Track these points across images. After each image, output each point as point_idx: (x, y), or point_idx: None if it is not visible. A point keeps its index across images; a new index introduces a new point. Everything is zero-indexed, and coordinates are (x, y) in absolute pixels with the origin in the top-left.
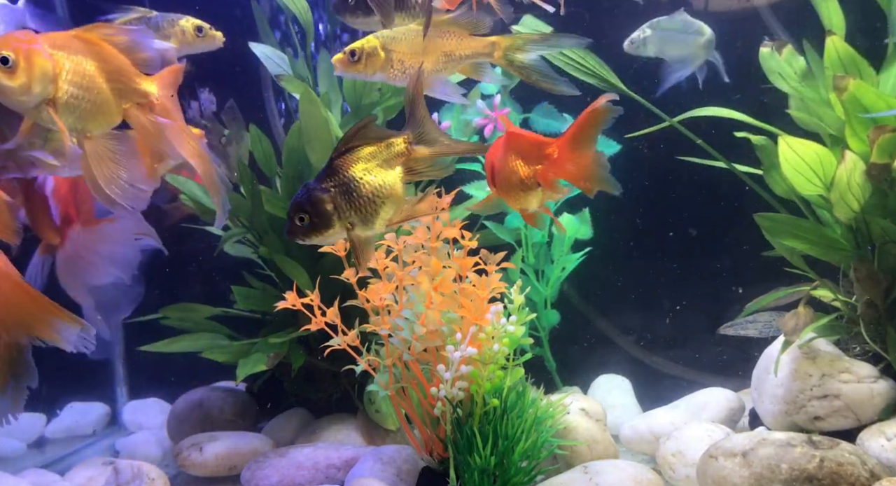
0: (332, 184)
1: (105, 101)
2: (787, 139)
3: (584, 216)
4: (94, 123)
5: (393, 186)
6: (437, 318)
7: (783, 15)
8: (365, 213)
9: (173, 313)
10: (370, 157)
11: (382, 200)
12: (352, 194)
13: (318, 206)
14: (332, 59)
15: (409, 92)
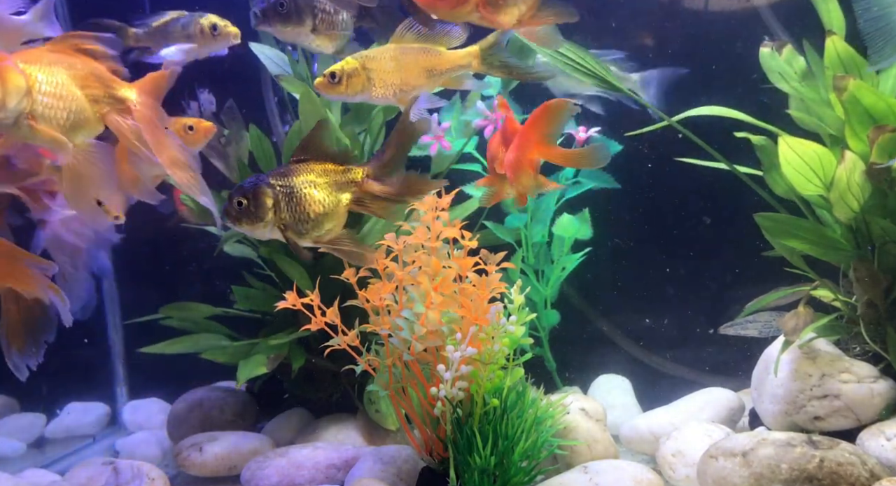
0: (280, 183)
1: (82, 108)
2: (787, 139)
3: (583, 216)
4: (74, 132)
5: (335, 208)
6: (437, 318)
7: (783, 15)
8: (299, 221)
9: (173, 313)
10: (323, 173)
11: (320, 218)
12: (293, 200)
13: (259, 197)
14: (315, 83)
15: (394, 139)
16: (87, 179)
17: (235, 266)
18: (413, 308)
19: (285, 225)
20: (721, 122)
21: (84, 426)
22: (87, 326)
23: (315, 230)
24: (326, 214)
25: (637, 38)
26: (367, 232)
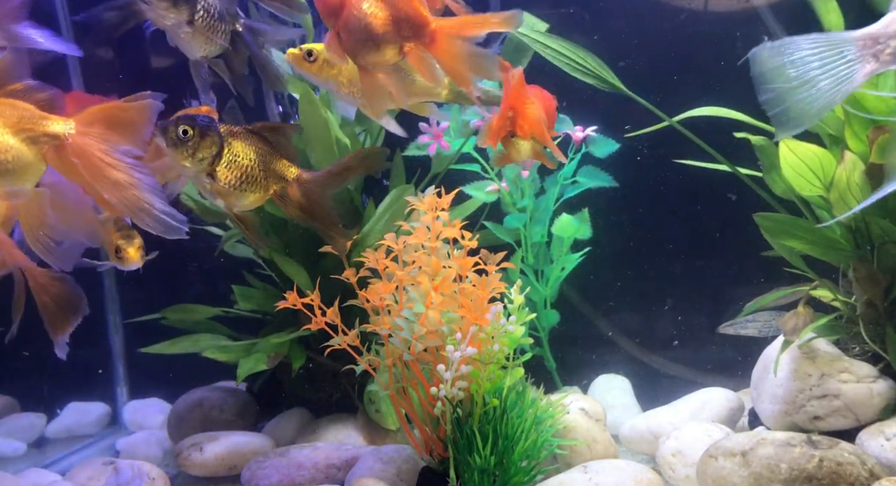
0: (230, 139)
1: (20, 155)
2: (786, 141)
3: (583, 216)
4: (19, 178)
5: (262, 191)
6: (437, 318)
7: (783, 15)
8: (228, 182)
9: (173, 313)
10: (267, 155)
11: (246, 189)
12: (234, 161)
13: (206, 136)
14: (287, 53)
15: (344, 160)
16: (38, 220)
17: (235, 266)
18: (413, 308)
19: (211, 176)
20: (721, 122)
21: (84, 425)
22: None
23: (236, 199)
24: (253, 190)
25: (637, 38)
26: (368, 232)
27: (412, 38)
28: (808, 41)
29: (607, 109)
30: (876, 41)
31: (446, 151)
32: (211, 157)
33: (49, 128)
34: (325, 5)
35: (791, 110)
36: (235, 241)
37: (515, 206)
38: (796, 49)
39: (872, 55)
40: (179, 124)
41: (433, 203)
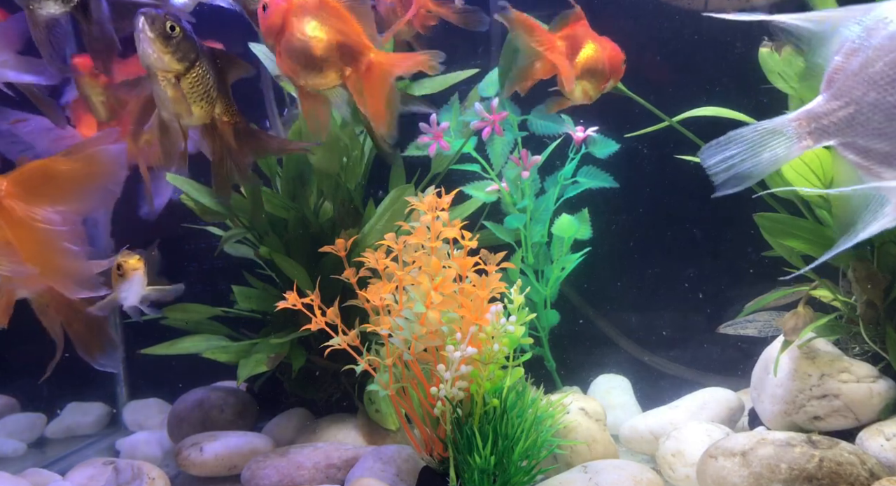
0: (206, 54)
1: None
2: None
3: (583, 216)
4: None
5: (205, 109)
6: (437, 318)
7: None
8: (188, 89)
9: (173, 313)
10: (220, 79)
11: (198, 100)
12: (203, 78)
13: (189, 40)
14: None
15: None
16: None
17: (235, 266)
18: (413, 308)
19: (177, 77)
20: (721, 122)
21: (84, 425)
22: None
23: (186, 111)
24: (203, 108)
25: (637, 38)
26: (368, 232)
27: (351, 64)
28: (749, 130)
29: (607, 110)
30: (809, 121)
31: (446, 152)
32: (188, 62)
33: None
34: (266, 26)
35: (735, 177)
36: (235, 241)
37: (515, 206)
38: (740, 137)
39: (808, 133)
40: (168, 20)
41: (433, 203)
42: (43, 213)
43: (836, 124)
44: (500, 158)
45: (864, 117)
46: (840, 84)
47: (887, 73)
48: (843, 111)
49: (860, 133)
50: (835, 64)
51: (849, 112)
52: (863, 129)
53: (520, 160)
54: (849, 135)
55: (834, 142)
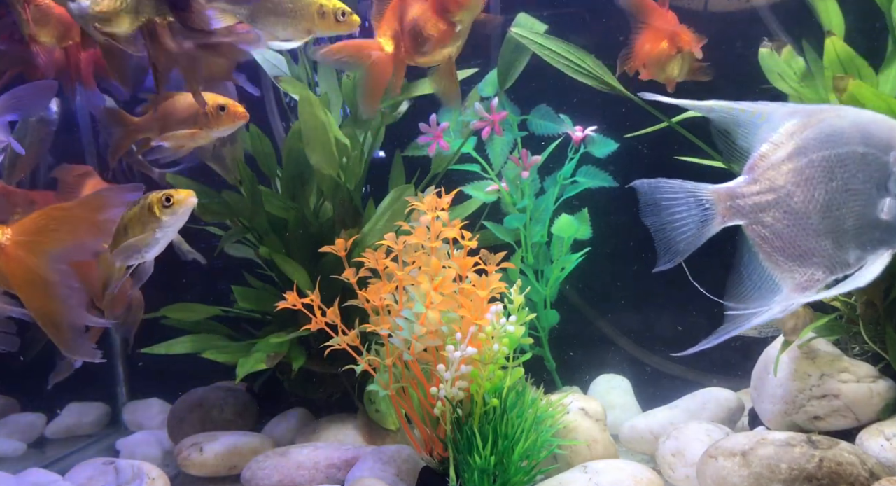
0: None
1: None
2: None
3: (583, 216)
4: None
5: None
6: (437, 318)
7: (783, 15)
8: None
9: (173, 313)
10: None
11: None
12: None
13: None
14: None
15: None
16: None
17: (235, 266)
18: (413, 308)
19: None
20: None
21: (84, 425)
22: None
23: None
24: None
25: None
26: (368, 232)
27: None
28: (676, 185)
29: (607, 110)
30: (728, 197)
31: (446, 152)
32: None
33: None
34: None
35: (666, 244)
36: (235, 241)
37: (515, 206)
38: (668, 190)
39: (724, 209)
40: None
41: (433, 203)
42: (45, 263)
43: (751, 206)
44: (500, 158)
45: (778, 205)
46: (762, 171)
47: (807, 170)
48: (760, 196)
49: (770, 219)
50: (761, 151)
51: (766, 198)
52: (773, 216)
53: (519, 160)
54: (759, 219)
55: (744, 222)
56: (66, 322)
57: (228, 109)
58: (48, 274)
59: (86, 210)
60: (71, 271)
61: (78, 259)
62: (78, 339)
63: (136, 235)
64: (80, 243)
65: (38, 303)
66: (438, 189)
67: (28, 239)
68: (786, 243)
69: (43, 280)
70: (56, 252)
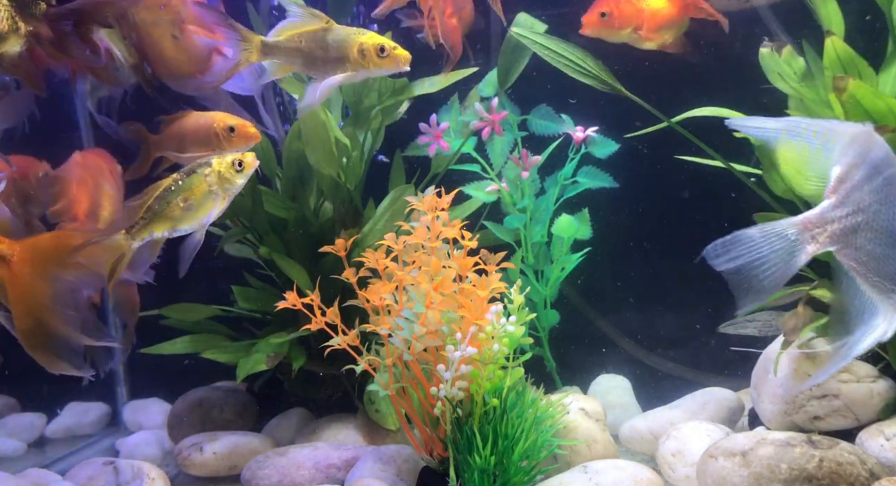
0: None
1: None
2: None
3: (583, 216)
4: None
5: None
6: (437, 318)
7: (783, 15)
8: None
9: (173, 313)
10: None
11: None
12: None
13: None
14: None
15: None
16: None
17: (235, 266)
18: (413, 308)
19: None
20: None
21: (84, 425)
22: None
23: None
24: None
25: None
26: (368, 232)
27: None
28: (753, 232)
29: (607, 110)
30: (818, 224)
31: (446, 152)
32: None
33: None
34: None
35: (747, 286)
36: (235, 241)
37: (515, 206)
38: (745, 239)
39: (812, 238)
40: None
41: (433, 203)
42: (46, 286)
43: (842, 230)
44: (500, 158)
45: (868, 226)
46: (846, 193)
47: (884, 188)
48: (850, 219)
49: (863, 241)
50: (839, 174)
51: (856, 220)
52: (865, 237)
53: (520, 160)
54: (851, 242)
55: (836, 247)
56: (52, 345)
57: (238, 130)
58: (46, 297)
59: (99, 248)
60: (69, 298)
61: (79, 288)
62: (64, 361)
63: (198, 203)
64: (85, 275)
65: (27, 322)
66: (438, 189)
67: (35, 259)
68: (881, 262)
69: (39, 302)
70: (59, 277)
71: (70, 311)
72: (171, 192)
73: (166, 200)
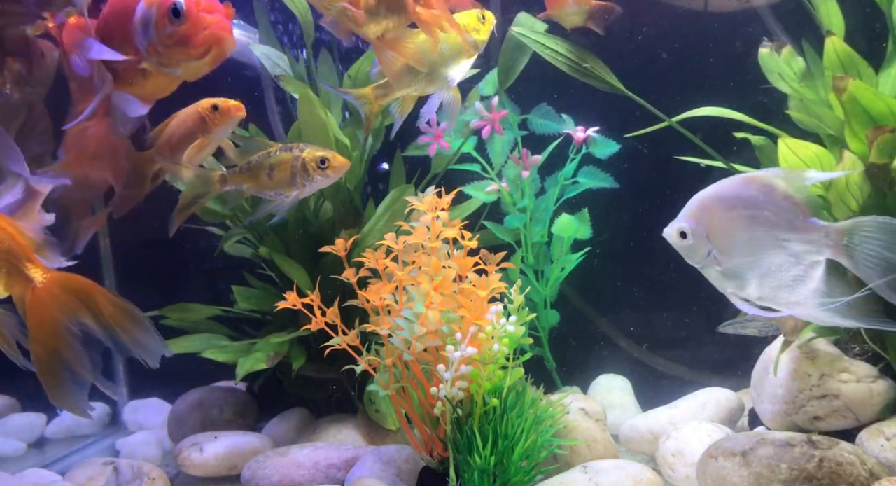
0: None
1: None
2: (786, 140)
3: (583, 216)
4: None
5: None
6: (437, 318)
7: (783, 15)
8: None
9: (173, 313)
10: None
11: None
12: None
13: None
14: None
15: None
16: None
17: (235, 266)
18: (413, 308)
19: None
20: (720, 122)
21: (84, 425)
22: None
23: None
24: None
25: (636, 38)
26: (368, 232)
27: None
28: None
29: (607, 110)
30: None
31: (446, 151)
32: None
33: (28, 271)
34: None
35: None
36: (235, 241)
37: (515, 206)
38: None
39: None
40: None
41: (433, 203)
42: (62, 321)
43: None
44: (500, 158)
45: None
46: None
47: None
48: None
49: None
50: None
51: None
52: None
53: (520, 160)
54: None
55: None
56: (61, 378)
57: (220, 106)
58: (61, 330)
59: (121, 311)
60: (84, 338)
61: (86, 331)
62: (69, 395)
63: (279, 180)
64: (101, 324)
65: (39, 349)
66: (438, 189)
67: (60, 292)
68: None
69: (54, 332)
70: (77, 318)
71: (83, 350)
72: (266, 158)
73: (259, 164)
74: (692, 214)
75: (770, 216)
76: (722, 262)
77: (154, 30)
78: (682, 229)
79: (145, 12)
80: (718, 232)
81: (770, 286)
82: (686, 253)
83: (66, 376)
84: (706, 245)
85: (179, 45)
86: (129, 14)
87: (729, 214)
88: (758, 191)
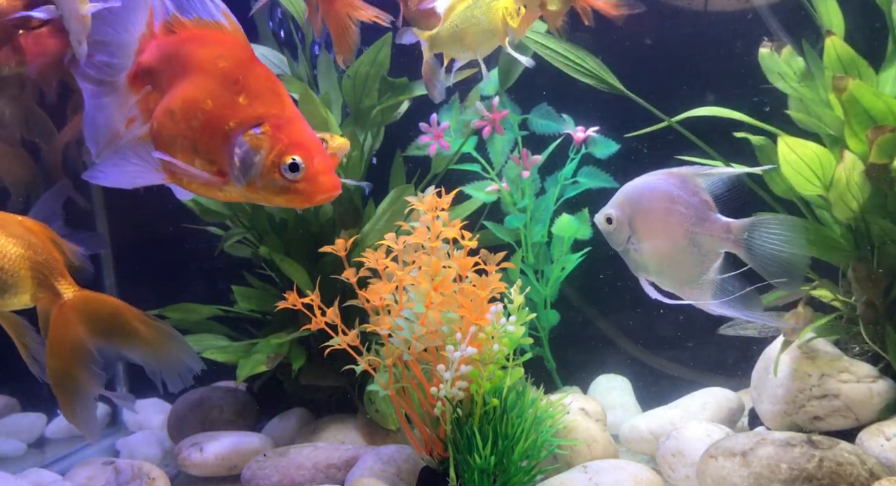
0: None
1: (17, 285)
2: (786, 140)
3: (583, 216)
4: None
5: None
6: (437, 318)
7: (783, 15)
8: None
9: (173, 313)
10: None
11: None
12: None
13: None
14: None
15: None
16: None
17: (235, 266)
18: (413, 308)
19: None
20: (720, 122)
21: None
22: None
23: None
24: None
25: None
26: (368, 232)
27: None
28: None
29: (607, 110)
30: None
31: (446, 151)
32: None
33: (58, 284)
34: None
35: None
36: (235, 241)
37: (515, 206)
38: None
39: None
40: None
41: (433, 203)
42: (84, 339)
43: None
44: (501, 158)
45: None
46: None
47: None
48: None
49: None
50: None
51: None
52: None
53: (520, 160)
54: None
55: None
56: (74, 394)
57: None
58: (79, 350)
59: (156, 332)
60: (95, 363)
61: (102, 354)
62: (81, 414)
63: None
64: (131, 346)
65: (55, 364)
66: (438, 189)
67: (86, 313)
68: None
69: (72, 352)
70: (99, 340)
71: (99, 371)
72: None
73: None
74: (618, 203)
75: (682, 210)
76: (639, 249)
77: (258, 174)
78: (609, 215)
79: (249, 154)
80: (638, 220)
81: (677, 274)
82: (609, 237)
83: (80, 394)
84: (627, 231)
85: (284, 194)
86: (217, 133)
87: (649, 205)
88: (675, 185)
